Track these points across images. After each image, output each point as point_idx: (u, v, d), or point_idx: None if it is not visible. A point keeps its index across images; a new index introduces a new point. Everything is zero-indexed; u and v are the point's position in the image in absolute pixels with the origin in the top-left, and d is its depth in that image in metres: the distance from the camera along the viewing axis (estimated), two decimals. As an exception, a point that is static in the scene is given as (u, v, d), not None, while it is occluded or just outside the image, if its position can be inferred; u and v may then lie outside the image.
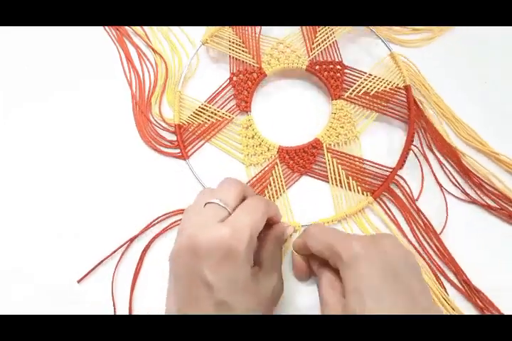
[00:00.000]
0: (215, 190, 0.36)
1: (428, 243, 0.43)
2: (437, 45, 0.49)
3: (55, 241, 0.44)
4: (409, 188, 0.44)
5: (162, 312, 0.41)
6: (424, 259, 0.42)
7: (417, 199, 0.44)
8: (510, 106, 0.47)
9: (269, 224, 0.39)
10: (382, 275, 0.30)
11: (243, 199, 0.37)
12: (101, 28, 0.50)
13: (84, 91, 0.48)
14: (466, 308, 0.41)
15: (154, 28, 0.50)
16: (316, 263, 0.38)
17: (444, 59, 0.49)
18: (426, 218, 0.43)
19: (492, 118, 0.46)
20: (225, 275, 0.31)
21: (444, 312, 0.40)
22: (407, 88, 0.46)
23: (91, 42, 0.50)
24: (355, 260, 0.31)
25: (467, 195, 0.44)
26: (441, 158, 0.45)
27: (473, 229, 0.43)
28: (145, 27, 0.50)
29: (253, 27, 0.48)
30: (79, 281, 0.42)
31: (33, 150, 0.47)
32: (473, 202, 0.44)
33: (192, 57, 0.48)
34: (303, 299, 0.41)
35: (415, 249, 0.42)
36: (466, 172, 0.44)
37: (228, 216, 0.34)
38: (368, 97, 0.46)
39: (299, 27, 0.48)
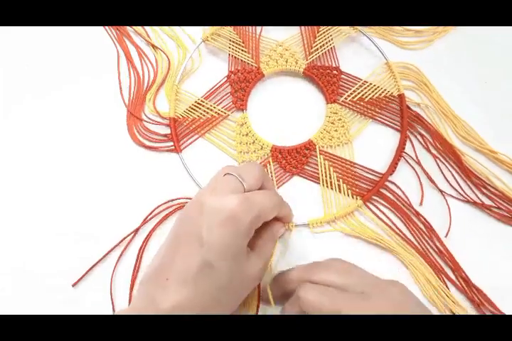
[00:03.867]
0: (237, 167, 0.37)
1: (428, 243, 0.43)
2: (437, 45, 0.50)
3: (51, 240, 0.43)
4: (403, 192, 0.44)
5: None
6: (424, 257, 0.42)
7: (420, 204, 0.44)
8: (511, 106, 0.48)
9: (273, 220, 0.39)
10: None
11: (261, 186, 0.37)
12: (101, 28, 0.50)
13: (84, 93, 0.48)
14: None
15: (155, 28, 0.50)
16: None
17: (444, 59, 0.50)
18: (426, 220, 0.43)
19: (492, 118, 0.47)
20: (221, 238, 0.31)
21: (446, 307, 0.40)
22: (400, 97, 0.47)
23: (90, 43, 0.50)
24: None
25: (468, 197, 0.44)
26: (445, 160, 0.46)
27: (474, 230, 0.44)
28: (146, 27, 0.50)
29: (254, 27, 0.49)
30: (74, 285, 0.41)
31: (30, 147, 0.46)
32: (474, 204, 0.44)
33: (192, 53, 0.48)
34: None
35: (418, 250, 0.43)
36: (467, 174, 0.45)
37: (242, 191, 0.34)
38: (362, 103, 0.47)
39: (298, 31, 0.49)
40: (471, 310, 0.41)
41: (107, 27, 0.50)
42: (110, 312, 0.40)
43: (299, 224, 0.43)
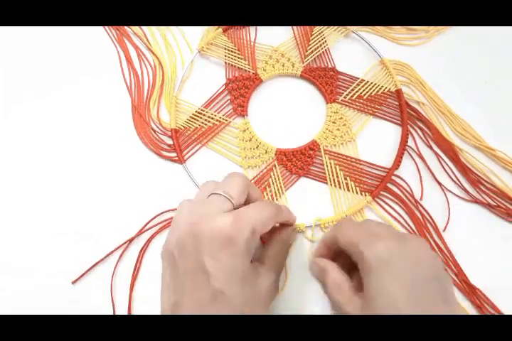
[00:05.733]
0: (219, 183, 0.36)
1: (429, 238, 0.43)
2: (437, 44, 0.51)
3: (53, 241, 0.43)
4: (409, 186, 0.44)
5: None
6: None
7: (420, 199, 0.44)
8: (510, 105, 0.48)
9: (280, 226, 0.39)
10: (405, 290, 0.29)
11: (248, 196, 0.36)
12: (101, 28, 0.51)
13: (84, 93, 0.48)
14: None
15: (154, 29, 0.51)
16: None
17: (444, 59, 0.50)
18: (428, 213, 0.43)
19: (491, 117, 0.47)
20: (224, 263, 0.30)
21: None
22: (398, 92, 0.48)
23: (90, 43, 0.50)
24: (378, 266, 0.30)
25: (467, 192, 0.44)
26: (443, 156, 0.46)
27: (473, 226, 0.44)
28: (144, 29, 0.51)
29: (248, 34, 0.49)
30: (74, 282, 0.41)
31: (30, 147, 0.46)
32: (473, 200, 0.44)
33: (189, 64, 0.49)
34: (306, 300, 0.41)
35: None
36: (464, 170, 0.45)
37: (232, 209, 0.33)
38: (361, 101, 0.48)
39: (292, 35, 0.50)
40: (471, 310, 0.41)
41: (107, 27, 0.51)
42: (110, 312, 0.41)
43: (311, 225, 0.43)
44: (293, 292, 0.41)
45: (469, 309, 0.41)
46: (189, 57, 0.50)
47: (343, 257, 0.36)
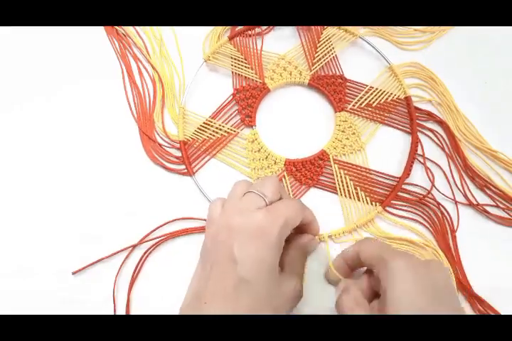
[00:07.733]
0: (254, 183, 0.38)
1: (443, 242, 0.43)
2: (437, 44, 0.50)
3: (62, 246, 0.43)
4: (427, 190, 0.44)
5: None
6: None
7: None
8: (511, 105, 0.48)
9: (299, 232, 0.40)
10: (425, 295, 0.31)
11: (279, 197, 0.38)
12: (102, 30, 0.50)
13: (83, 91, 0.48)
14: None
15: (157, 38, 0.50)
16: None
17: (444, 59, 0.49)
18: (449, 215, 0.44)
19: (491, 117, 0.47)
20: (253, 253, 0.32)
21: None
22: (407, 99, 0.47)
23: (91, 44, 0.50)
24: (402, 274, 0.32)
25: (473, 198, 0.45)
26: (456, 159, 0.46)
27: (478, 232, 0.44)
28: (147, 40, 0.50)
29: (255, 42, 0.49)
30: (74, 273, 0.42)
31: (31, 148, 0.46)
32: (483, 210, 0.44)
33: (195, 73, 0.48)
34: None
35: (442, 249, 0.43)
36: (470, 175, 0.45)
37: (265, 206, 0.35)
38: (370, 109, 0.47)
39: (299, 42, 0.49)
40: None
41: (110, 37, 0.50)
42: (111, 313, 0.41)
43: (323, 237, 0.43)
44: (308, 299, 0.41)
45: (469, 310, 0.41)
46: (195, 67, 0.49)
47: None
